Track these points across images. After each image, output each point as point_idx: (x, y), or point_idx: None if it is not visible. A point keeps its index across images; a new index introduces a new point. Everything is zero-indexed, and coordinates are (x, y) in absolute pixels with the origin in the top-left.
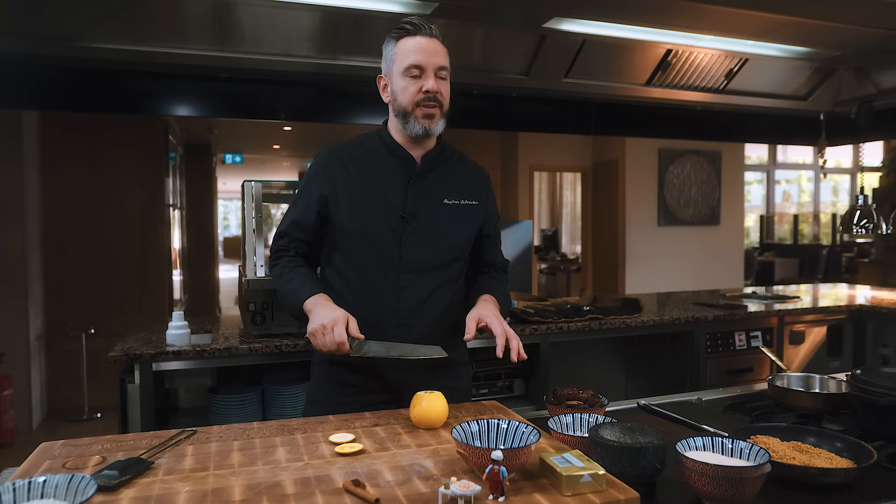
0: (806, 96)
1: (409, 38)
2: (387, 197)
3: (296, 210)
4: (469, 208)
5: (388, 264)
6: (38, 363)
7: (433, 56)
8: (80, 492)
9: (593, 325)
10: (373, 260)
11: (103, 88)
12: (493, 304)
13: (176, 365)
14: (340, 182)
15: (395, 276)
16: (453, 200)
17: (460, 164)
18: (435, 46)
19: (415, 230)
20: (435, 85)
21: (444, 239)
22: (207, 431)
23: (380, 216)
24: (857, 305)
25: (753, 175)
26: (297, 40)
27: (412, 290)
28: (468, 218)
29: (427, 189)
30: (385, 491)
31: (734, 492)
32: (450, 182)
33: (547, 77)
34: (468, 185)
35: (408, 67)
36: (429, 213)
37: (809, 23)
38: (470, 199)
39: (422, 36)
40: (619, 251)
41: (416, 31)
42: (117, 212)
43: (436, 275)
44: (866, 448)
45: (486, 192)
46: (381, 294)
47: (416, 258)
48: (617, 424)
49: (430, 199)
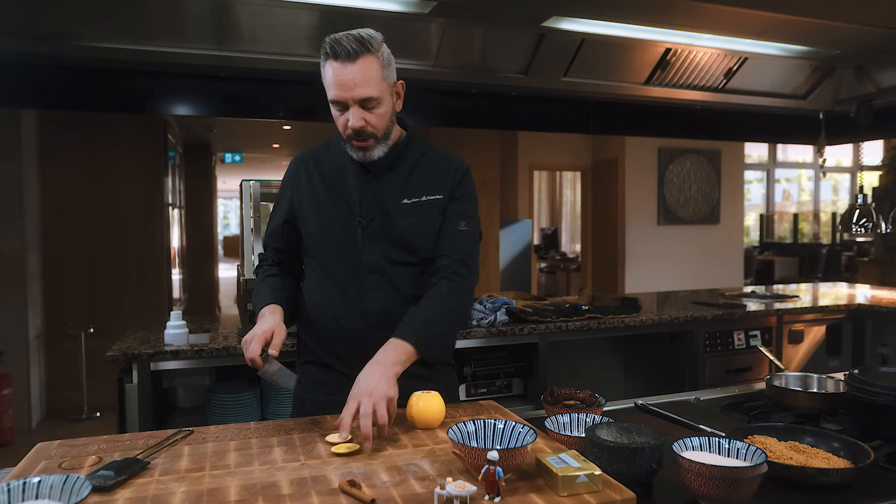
0: (805, 95)
1: (330, 61)
2: (345, 201)
3: (271, 220)
4: (431, 204)
5: (352, 268)
6: (38, 362)
7: (352, 90)
8: (74, 492)
9: (592, 324)
10: (338, 264)
11: (102, 87)
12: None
13: (174, 364)
14: (305, 190)
15: (360, 278)
16: (413, 199)
17: (428, 158)
18: (354, 75)
19: (372, 233)
20: (358, 121)
21: (403, 239)
22: (204, 431)
23: (340, 221)
24: (856, 305)
25: (753, 174)
26: (296, 39)
27: (378, 292)
28: (430, 215)
29: (384, 190)
30: (381, 491)
31: (731, 492)
32: (411, 179)
33: (546, 76)
34: (432, 180)
35: (331, 101)
36: (386, 215)
37: (809, 21)
38: (432, 193)
39: (340, 62)
40: (618, 250)
41: (334, 55)
42: (116, 211)
43: (402, 275)
44: (863, 448)
45: (454, 184)
46: (349, 298)
47: (376, 260)
48: (614, 424)
49: (388, 199)
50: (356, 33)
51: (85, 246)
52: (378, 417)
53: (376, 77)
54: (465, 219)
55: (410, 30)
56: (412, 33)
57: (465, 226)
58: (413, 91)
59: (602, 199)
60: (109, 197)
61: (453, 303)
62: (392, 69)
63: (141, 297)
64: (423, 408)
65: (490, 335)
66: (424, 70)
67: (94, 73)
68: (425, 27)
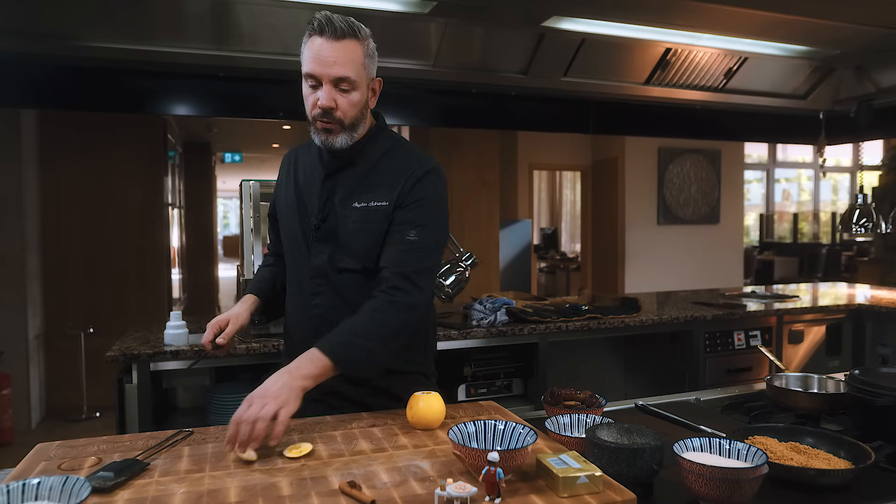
0: (805, 95)
1: (315, 37)
2: (307, 201)
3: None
4: (376, 211)
5: (303, 269)
6: (37, 362)
7: (330, 66)
8: (74, 494)
9: (592, 324)
10: (294, 265)
11: (102, 87)
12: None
13: (174, 365)
14: (282, 186)
15: (307, 281)
16: (362, 203)
17: (389, 159)
18: (336, 53)
19: (321, 236)
20: (328, 101)
21: (346, 245)
22: (204, 432)
23: (299, 221)
24: (856, 305)
25: (753, 174)
26: (296, 39)
27: (322, 297)
28: (374, 222)
29: (340, 190)
30: (381, 492)
31: (731, 493)
32: (367, 180)
33: (546, 76)
34: (386, 183)
35: (305, 75)
36: (336, 218)
37: (808, 21)
38: (380, 199)
39: (325, 38)
40: (618, 250)
41: (320, 31)
42: (116, 211)
43: (346, 281)
44: (864, 449)
45: (404, 188)
46: (301, 300)
47: (320, 264)
48: (614, 425)
49: (341, 201)
50: (345, 16)
51: (85, 246)
52: (255, 427)
53: (357, 62)
54: (415, 227)
55: (410, 30)
56: (412, 33)
57: (414, 236)
58: (413, 91)
59: (602, 199)
60: (109, 197)
61: (385, 318)
62: (374, 63)
63: (141, 297)
64: (423, 408)
65: (490, 335)
66: (424, 70)
67: (94, 73)
68: (425, 27)
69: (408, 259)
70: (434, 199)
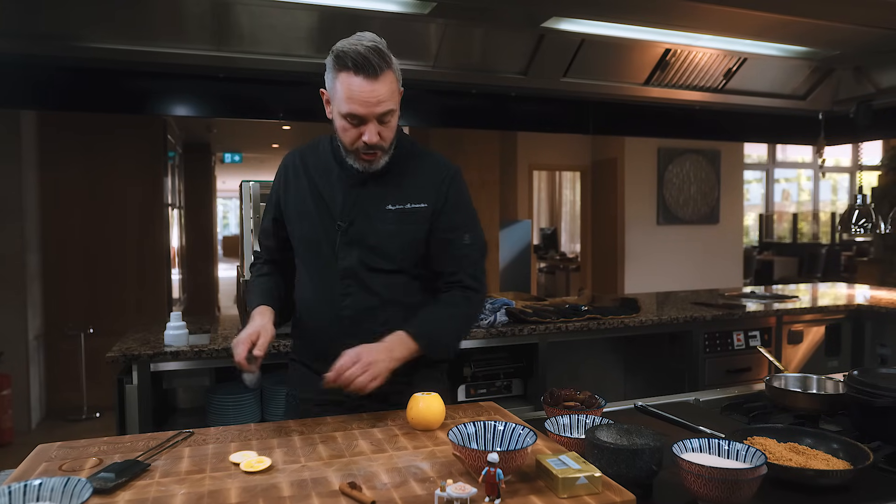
0: (805, 95)
1: (349, 75)
2: (328, 205)
3: (263, 219)
4: (414, 213)
5: (330, 272)
6: (37, 363)
7: (374, 106)
8: (75, 495)
9: (591, 324)
10: (317, 267)
11: (102, 88)
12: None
13: (174, 365)
14: (291, 189)
15: (336, 283)
16: (398, 205)
17: (418, 163)
18: (378, 92)
19: (350, 239)
20: (375, 136)
21: (380, 247)
22: (204, 433)
23: (320, 224)
24: (855, 305)
25: (753, 174)
26: (296, 40)
27: (353, 297)
28: (411, 223)
29: (369, 195)
30: (381, 493)
31: (730, 494)
32: (398, 184)
33: (545, 76)
34: (419, 186)
35: (344, 115)
36: (366, 221)
37: (808, 22)
38: (417, 201)
39: (363, 78)
40: (618, 250)
41: (356, 69)
42: (116, 211)
43: (380, 281)
44: (863, 449)
45: (440, 191)
46: (327, 301)
47: (351, 266)
48: (614, 426)
49: (372, 205)
50: (371, 44)
51: (84, 246)
52: (350, 383)
53: (395, 90)
54: (467, 231)
55: (410, 30)
56: (412, 34)
57: (468, 239)
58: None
59: (601, 200)
60: (109, 197)
61: (460, 311)
62: (400, 77)
63: (140, 297)
64: (423, 409)
65: (490, 336)
66: (424, 70)
67: (94, 74)
68: (425, 28)
69: (470, 260)
70: (469, 201)
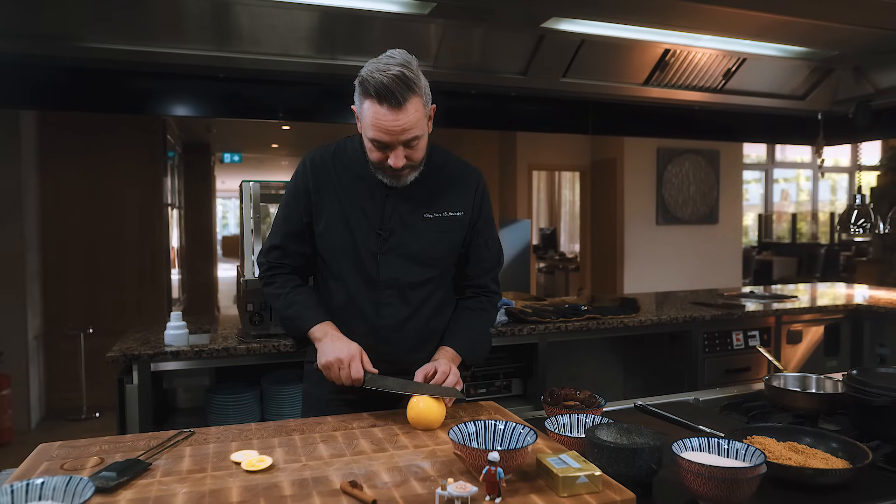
0: (804, 96)
1: (374, 103)
2: (365, 213)
3: (288, 222)
4: (452, 220)
5: (369, 281)
6: (37, 363)
7: (399, 135)
8: (78, 493)
9: (591, 324)
10: (353, 276)
11: (102, 88)
12: (445, 355)
13: (174, 365)
14: (325, 192)
15: (376, 293)
16: (435, 213)
17: (448, 170)
18: (403, 121)
19: (391, 247)
20: (402, 161)
21: (424, 255)
22: (205, 432)
23: (360, 233)
24: (854, 305)
25: (752, 174)
26: (296, 40)
27: (393, 307)
28: (450, 231)
29: (405, 203)
30: (382, 492)
31: (730, 492)
32: (433, 193)
33: (545, 77)
34: (454, 194)
35: (370, 139)
36: (406, 229)
37: (807, 23)
38: (454, 209)
39: (387, 108)
40: (617, 250)
41: (380, 99)
42: (116, 211)
43: (418, 290)
44: (862, 448)
45: (473, 198)
46: (362, 310)
47: (393, 275)
48: (613, 425)
49: (409, 213)
50: (398, 71)
51: (84, 246)
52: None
53: (421, 117)
54: (490, 238)
55: (410, 30)
56: (412, 34)
57: (491, 245)
58: None
59: (601, 200)
60: (109, 197)
61: (491, 316)
62: (429, 98)
63: (140, 297)
64: (423, 409)
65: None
66: (424, 70)
67: (94, 74)
68: (425, 28)
69: (491, 265)
70: (492, 208)
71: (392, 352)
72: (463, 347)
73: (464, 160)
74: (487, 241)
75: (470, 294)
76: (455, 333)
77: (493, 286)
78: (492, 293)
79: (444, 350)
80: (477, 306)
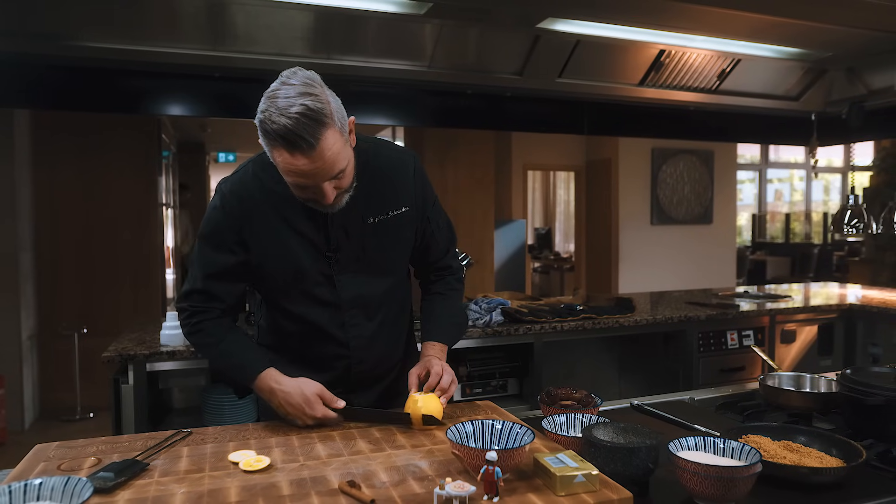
0: (798, 97)
1: (283, 151)
2: (305, 235)
3: (211, 264)
4: (398, 218)
5: (329, 305)
6: (31, 363)
7: (318, 176)
8: (76, 494)
9: (587, 324)
10: (310, 304)
11: (96, 87)
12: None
13: (170, 365)
14: (256, 223)
15: (339, 314)
16: (380, 216)
17: (377, 163)
18: (319, 164)
19: (345, 266)
20: (331, 195)
21: (376, 262)
22: (202, 432)
23: (307, 258)
24: (847, 304)
25: (746, 174)
26: (291, 40)
27: (361, 327)
28: (399, 230)
29: (344, 215)
30: (380, 492)
31: (726, 491)
32: (371, 193)
33: (541, 77)
34: (392, 189)
35: (292, 184)
36: (353, 241)
37: (801, 24)
38: (397, 207)
39: (300, 154)
40: (612, 250)
41: (289, 147)
42: (110, 210)
43: (381, 299)
44: (856, 447)
45: (413, 187)
46: (328, 338)
47: (355, 294)
48: (610, 424)
49: (351, 223)
50: (301, 108)
51: (78, 246)
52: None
53: (342, 146)
54: (440, 217)
55: (406, 31)
56: (407, 34)
57: (443, 223)
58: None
59: (596, 200)
60: (103, 197)
61: (461, 294)
62: (344, 116)
63: (134, 297)
64: (421, 408)
65: (485, 335)
66: (419, 71)
67: (89, 73)
68: (420, 28)
69: (447, 244)
70: (431, 185)
71: (366, 369)
72: (447, 337)
73: (394, 145)
74: (439, 223)
75: (435, 277)
76: (435, 324)
77: (454, 263)
78: (456, 269)
79: (430, 346)
80: (446, 288)
